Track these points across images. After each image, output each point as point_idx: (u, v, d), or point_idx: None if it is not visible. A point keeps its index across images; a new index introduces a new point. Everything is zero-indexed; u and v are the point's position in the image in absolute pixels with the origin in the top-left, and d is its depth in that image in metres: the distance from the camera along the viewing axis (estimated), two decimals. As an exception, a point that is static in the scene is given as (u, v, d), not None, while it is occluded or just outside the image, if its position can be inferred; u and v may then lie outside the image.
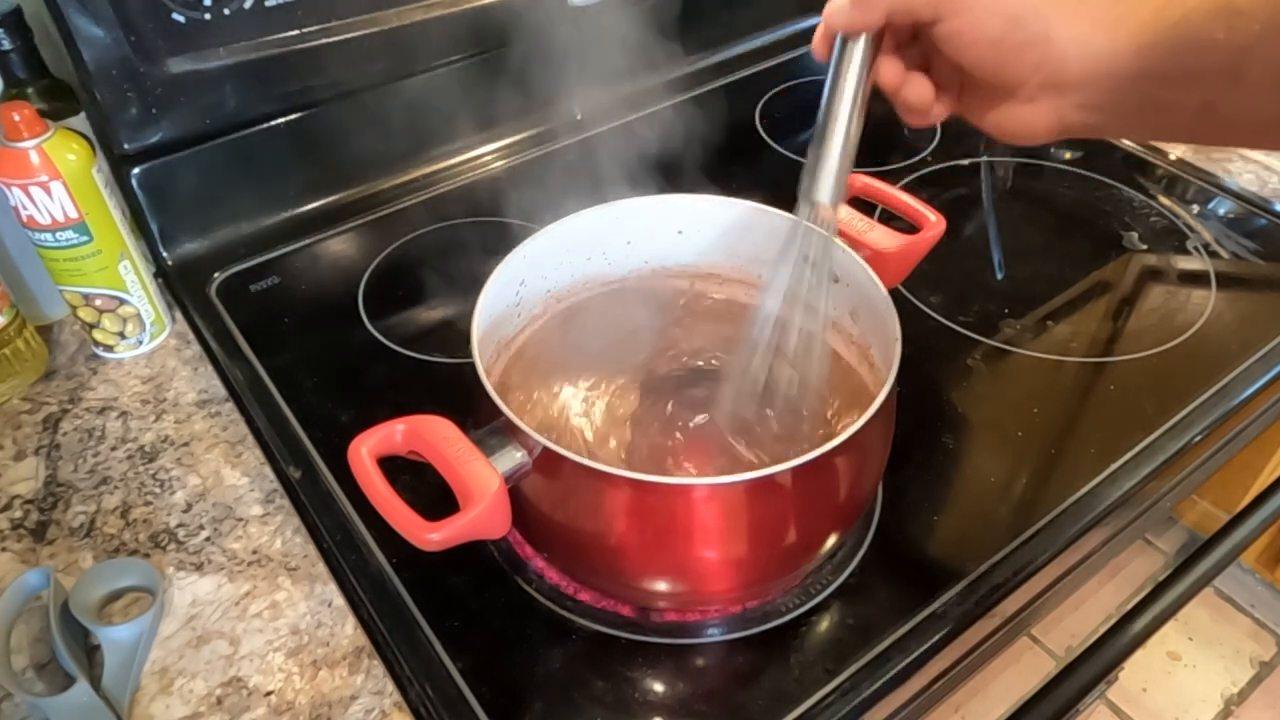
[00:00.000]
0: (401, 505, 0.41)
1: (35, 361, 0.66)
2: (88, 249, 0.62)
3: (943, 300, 0.72)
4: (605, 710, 0.47)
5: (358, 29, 0.74)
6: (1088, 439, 0.61)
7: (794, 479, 0.44)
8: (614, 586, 0.51)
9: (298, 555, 0.55)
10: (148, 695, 0.48)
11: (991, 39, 0.39)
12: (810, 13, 1.03)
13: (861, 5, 0.41)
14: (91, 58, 0.64)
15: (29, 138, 0.58)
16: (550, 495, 0.46)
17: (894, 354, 0.47)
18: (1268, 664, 1.38)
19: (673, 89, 0.93)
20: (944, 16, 0.40)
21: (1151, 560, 0.93)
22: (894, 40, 0.44)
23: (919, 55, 0.45)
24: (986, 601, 0.52)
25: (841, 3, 0.42)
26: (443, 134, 0.85)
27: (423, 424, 0.43)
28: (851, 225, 0.55)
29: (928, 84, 0.44)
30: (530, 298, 0.59)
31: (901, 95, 0.44)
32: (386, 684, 0.48)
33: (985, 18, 0.39)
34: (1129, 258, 0.77)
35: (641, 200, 0.59)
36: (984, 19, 0.39)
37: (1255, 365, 0.66)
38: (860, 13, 0.41)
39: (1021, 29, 0.39)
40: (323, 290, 0.74)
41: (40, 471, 0.60)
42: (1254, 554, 1.32)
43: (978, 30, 0.39)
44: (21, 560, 0.55)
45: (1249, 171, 0.86)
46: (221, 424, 0.63)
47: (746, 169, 0.86)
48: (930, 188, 0.84)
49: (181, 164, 0.73)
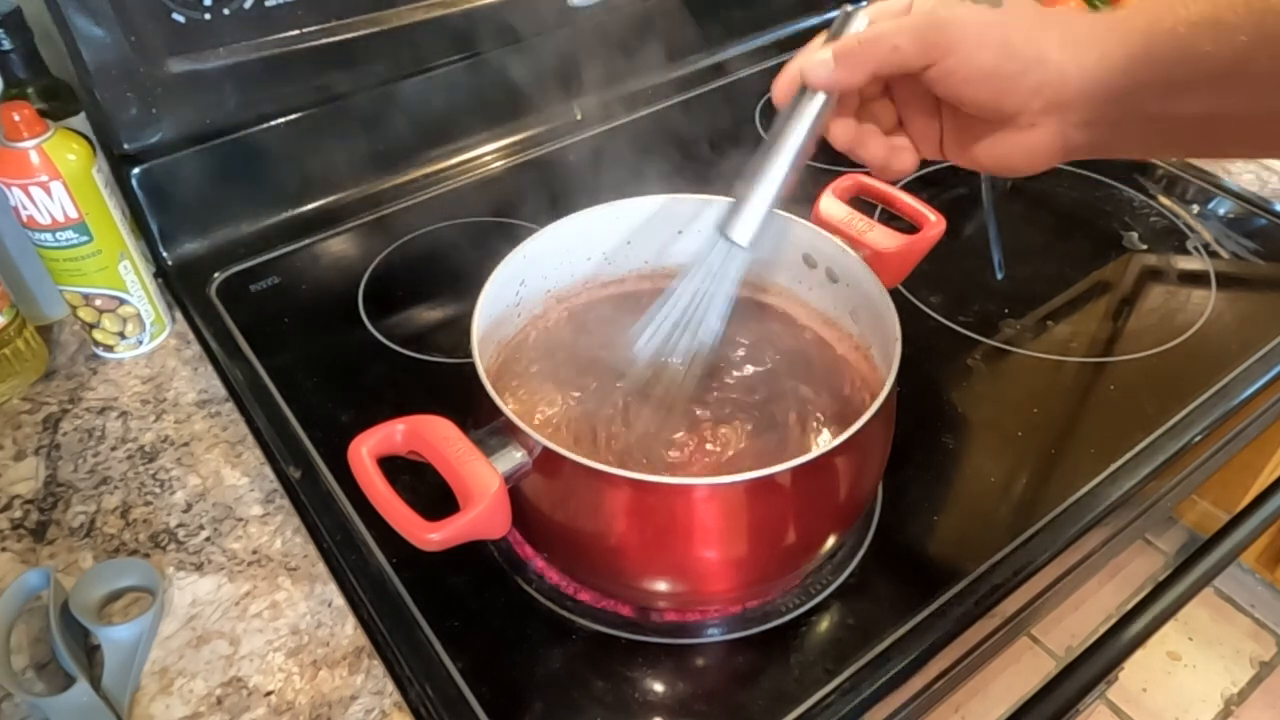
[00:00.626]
0: (401, 505, 0.41)
1: (35, 361, 0.66)
2: (88, 249, 0.62)
3: (943, 300, 0.72)
4: (605, 710, 0.47)
5: (358, 29, 0.75)
6: (1088, 439, 0.61)
7: (794, 479, 0.44)
8: (614, 586, 0.51)
9: (298, 555, 0.55)
10: (148, 695, 0.48)
11: (986, 72, 0.39)
12: (810, 13, 1.03)
13: (847, 64, 0.41)
14: (91, 58, 0.65)
15: (29, 138, 0.58)
16: (550, 495, 0.46)
17: (894, 354, 0.47)
18: (1268, 664, 1.38)
19: (672, 89, 0.93)
20: (936, 59, 0.39)
21: (1151, 560, 0.93)
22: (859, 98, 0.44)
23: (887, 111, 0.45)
24: (986, 601, 0.52)
25: (824, 59, 0.41)
26: (442, 134, 0.85)
27: (423, 424, 0.43)
28: (851, 225, 0.55)
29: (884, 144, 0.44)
30: (530, 298, 0.59)
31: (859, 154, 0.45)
32: (386, 684, 0.48)
33: (976, 52, 0.39)
34: (1129, 258, 0.77)
35: (641, 200, 0.59)
36: (975, 54, 0.39)
37: (1255, 365, 0.66)
38: (845, 71, 0.41)
39: (1015, 57, 0.39)
40: (323, 290, 0.74)
41: (40, 471, 0.60)
42: (1254, 554, 1.32)
43: (971, 66, 0.39)
44: (21, 560, 0.55)
45: (1249, 171, 0.86)
46: (221, 424, 0.63)
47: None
48: (930, 188, 0.84)
49: (181, 164, 0.73)
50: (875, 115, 0.45)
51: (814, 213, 0.56)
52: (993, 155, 0.43)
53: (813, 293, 0.59)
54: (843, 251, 0.54)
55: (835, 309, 0.58)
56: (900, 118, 0.45)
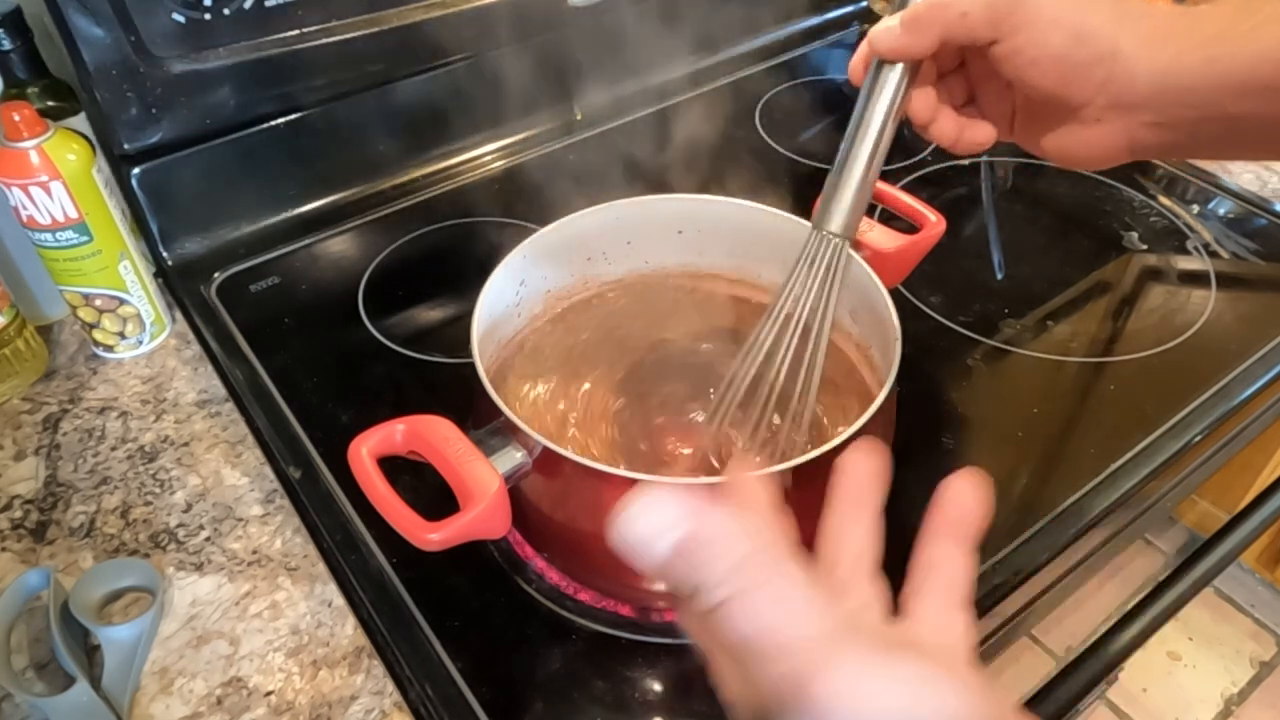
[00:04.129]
0: (402, 505, 0.41)
1: (35, 361, 0.66)
2: (88, 249, 0.62)
3: (943, 300, 0.72)
4: (605, 710, 0.47)
5: (358, 29, 0.75)
6: (1088, 439, 0.61)
7: (794, 479, 0.44)
8: (614, 586, 0.51)
9: (298, 555, 0.55)
10: (148, 695, 0.48)
11: (1055, 56, 0.37)
12: (810, 13, 1.04)
13: (913, 28, 0.39)
14: (91, 58, 0.64)
15: (29, 138, 0.58)
16: (550, 495, 0.46)
17: (894, 354, 0.47)
18: (1268, 664, 1.38)
19: (673, 89, 0.93)
20: (1004, 35, 0.37)
21: (1151, 560, 0.93)
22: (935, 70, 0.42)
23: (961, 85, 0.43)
24: (986, 601, 0.52)
25: (890, 25, 0.39)
26: (443, 134, 0.85)
27: (423, 424, 0.43)
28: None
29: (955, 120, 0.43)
30: (530, 298, 0.59)
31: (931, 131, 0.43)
32: (386, 684, 0.48)
33: (1049, 33, 0.37)
34: (1129, 258, 0.77)
35: (641, 200, 0.59)
36: (1047, 35, 0.37)
37: (1255, 365, 0.66)
38: (912, 37, 0.39)
39: (1086, 45, 0.37)
40: (323, 290, 0.74)
41: (40, 471, 0.60)
42: (1254, 554, 1.32)
43: (1040, 48, 0.37)
44: (21, 560, 0.55)
45: (1249, 171, 0.86)
46: (221, 424, 0.63)
47: (746, 169, 0.86)
48: (930, 188, 0.84)
49: (181, 164, 0.73)
50: (949, 89, 0.44)
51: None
52: (1057, 146, 0.41)
53: (813, 293, 0.59)
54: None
55: (835, 310, 0.58)
56: (974, 94, 0.44)
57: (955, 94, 0.44)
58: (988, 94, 0.44)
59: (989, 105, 0.44)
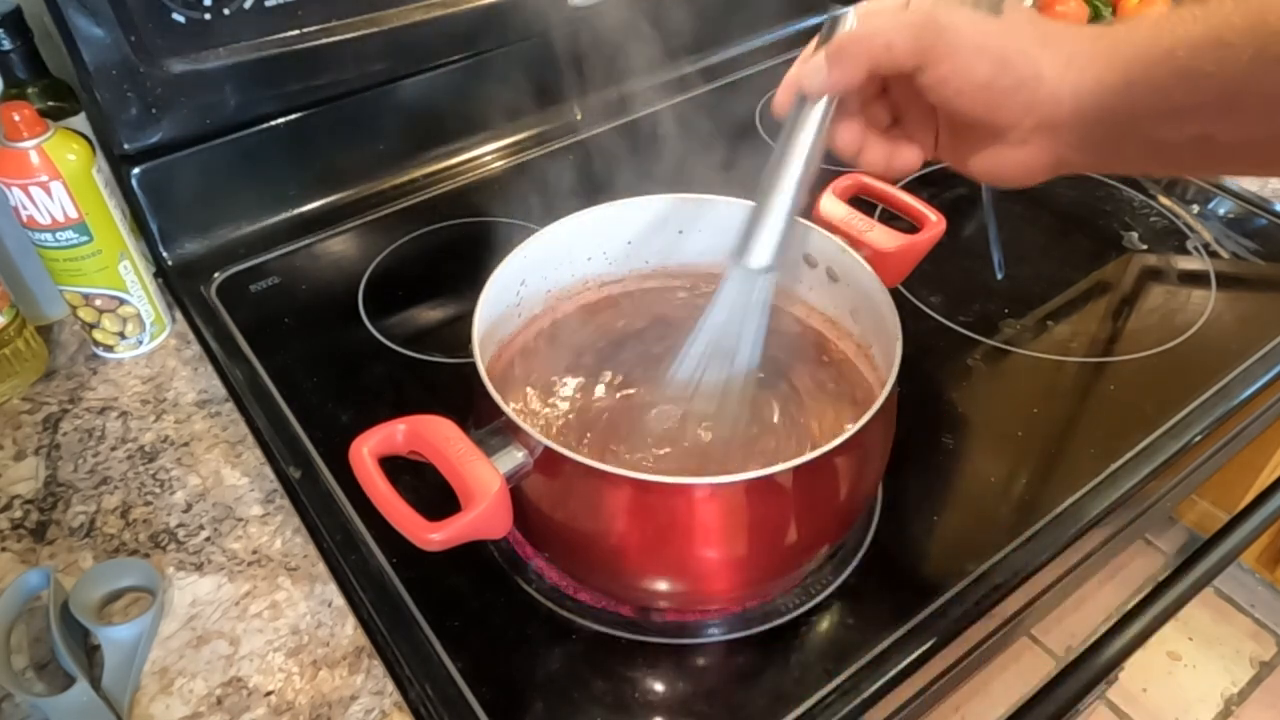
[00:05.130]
0: (402, 505, 0.41)
1: (35, 361, 0.66)
2: (88, 249, 0.62)
3: (943, 300, 0.72)
4: (605, 710, 0.47)
5: (358, 29, 0.75)
6: (1088, 439, 0.61)
7: (794, 479, 0.44)
8: (614, 586, 0.51)
9: (298, 555, 0.55)
10: (148, 695, 0.48)
11: (980, 83, 0.38)
12: (810, 13, 1.04)
13: (841, 63, 0.40)
14: (91, 58, 0.64)
15: (29, 138, 0.58)
16: (551, 495, 0.46)
17: (894, 354, 0.47)
18: (1268, 664, 1.38)
19: (672, 89, 0.93)
20: (929, 64, 0.38)
21: (1151, 560, 0.93)
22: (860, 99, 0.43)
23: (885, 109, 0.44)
24: (986, 602, 0.52)
25: (816, 64, 0.40)
26: (442, 134, 0.85)
27: (424, 424, 0.43)
28: (851, 225, 0.55)
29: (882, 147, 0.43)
30: (530, 298, 0.59)
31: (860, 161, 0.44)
32: (386, 684, 0.48)
33: (972, 62, 0.38)
34: (1129, 258, 0.77)
35: (641, 200, 0.59)
36: (971, 63, 0.38)
37: (1255, 365, 0.66)
38: (840, 73, 0.40)
39: (1010, 71, 0.38)
40: (323, 290, 0.74)
41: (40, 471, 0.60)
42: (1254, 554, 1.32)
43: (965, 75, 0.38)
44: (21, 560, 0.55)
45: (1249, 171, 0.86)
46: (221, 424, 0.63)
47: (746, 169, 0.86)
48: (930, 187, 0.83)
49: (181, 164, 0.73)
50: (873, 115, 0.45)
51: (814, 212, 0.56)
52: (985, 166, 0.42)
53: (813, 292, 0.59)
54: (843, 251, 0.54)
55: (835, 308, 0.58)
56: (899, 117, 0.45)
57: (880, 118, 0.45)
58: (913, 117, 0.44)
59: (914, 127, 0.44)
